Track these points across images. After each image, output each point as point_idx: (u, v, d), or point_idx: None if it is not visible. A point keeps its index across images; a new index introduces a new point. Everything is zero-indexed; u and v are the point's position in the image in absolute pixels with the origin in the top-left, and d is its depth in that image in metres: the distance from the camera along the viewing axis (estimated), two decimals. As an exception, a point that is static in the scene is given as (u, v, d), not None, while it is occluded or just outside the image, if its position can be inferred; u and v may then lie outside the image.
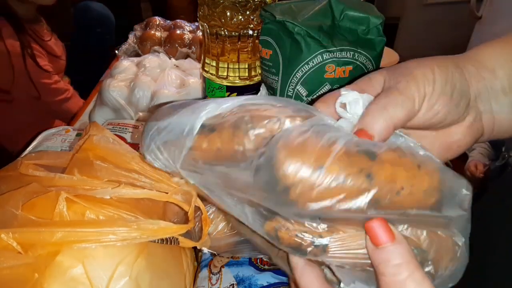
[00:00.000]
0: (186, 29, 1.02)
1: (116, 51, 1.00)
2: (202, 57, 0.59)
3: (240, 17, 0.51)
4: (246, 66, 0.56)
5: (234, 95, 0.57)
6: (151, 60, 0.81)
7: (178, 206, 0.37)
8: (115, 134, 0.47)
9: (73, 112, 1.09)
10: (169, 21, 1.06)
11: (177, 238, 0.34)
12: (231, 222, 0.33)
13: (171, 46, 0.96)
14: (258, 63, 0.56)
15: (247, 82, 0.57)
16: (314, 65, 0.46)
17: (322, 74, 0.46)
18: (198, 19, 0.55)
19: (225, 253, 0.43)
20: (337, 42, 0.45)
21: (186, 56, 0.96)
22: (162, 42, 0.99)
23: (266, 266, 0.42)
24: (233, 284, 0.40)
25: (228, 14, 0.50)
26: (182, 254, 0.40)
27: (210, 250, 0.42)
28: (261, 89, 0.54)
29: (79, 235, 0.30)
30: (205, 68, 0.58)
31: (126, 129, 0.65)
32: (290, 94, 0.48)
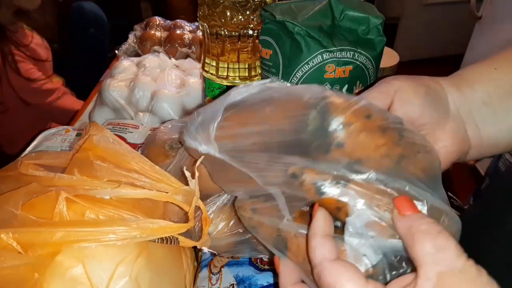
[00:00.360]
0: (186, 29, 1.02)
1: (116, 51, 1.00)
2: (202, 57, 0.59)
3: (240, 17, 0.51)
4: (246, 66, 0.56)
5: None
6: (151, 60, 0.81)
7: (178, 206, 0.37)
8: (115, 134, 0.47)
9: (67, 110, 1.09)
10: (169, 21, 1.06)
11: (177, 238, 0.34)
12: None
13: (171, 46, 0.96)
14: (258, 63, 0.56)
15: (247, 82, 0.57)
16: (314, 65, 0.46)
17: (322, 74, 0.46)
18: (198, 19, 0.55)
19: (225, 253, 0.43)
20: (337, 42, 0.45)
21: (186, 56, 0.96)
22: (162, 42, 0.98)
23: (266, 266, 0.42)
24: (233, 284, 0.40)
25: (228, 14, 0.50)
26: (182, 254, 0.40)
27: (210, 250, 0.42)
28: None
29: (79, 235, 0.30)
30: (205, 68, 0.58)
31: (126, 129, 0.65)
32: (290, 94, 0.48)
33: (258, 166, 0.28)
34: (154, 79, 0.74)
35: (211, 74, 0.57)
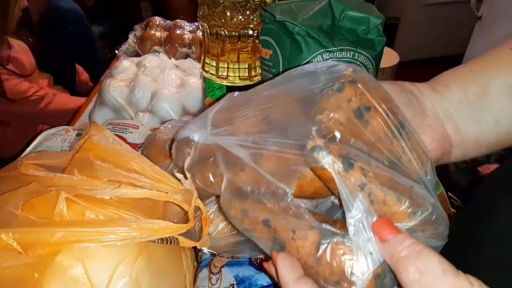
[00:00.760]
0: (186, 29, 1.02)
1: (116, 51, 1.00)
2: (202, 57, 0.59)
3: (240, 17, 0.51)
4: (246, 66, 0.56)
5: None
6: (151, 60, 0.81)
7: (178, 206, 0.37)
8: (115, 134, 0.47)
9: (60, 111, 1.09)
10: (169, 21, 1.06)
11: (177, 238, 0.34)
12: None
13: (171, 46, 0.96)
14: (258, 63, 0.56)
15: (247, 82, 0.57)
16: (314, 65, 0.46)
17: (322, 74, 0.46)
18: (198, 19, 0.55)
19: (225, 253, 0.43)
20: (337, 42, 0.45)
21: (186, 56, 0.96)
22: (162, 42, 0.99)
23: (266, 266, 0.42)
24: (233, 284, 0.40)
25: (228, 14, 0.50)
26: (182, 254, 0.40)
27: (210, 250, 0.42)
28: None
29: (79, 235, 0.30)
30: (205, 68, 0.58)
31: (126, 129, 0.65)
32: (290, 94, 0.48)
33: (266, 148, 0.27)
34: (154, 79, 0.74)
35: (211, 74, 0.57)
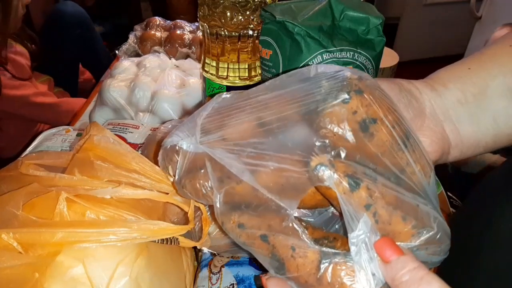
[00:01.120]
0: (186, 29, 1.02)
1: (116, 51, 1.00)
2: (202, 57, 0.59)
3: (240, 17, 0.51)
4: (246, 66, 0.56)
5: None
6: (151, 60, 0.81)
7: (178, 206, 0.37)
8: (116, 134, 0.47)
9: (62, 113, 1.09)
10: (169, 21, 1.06)
11: (177, 238, 0.34)
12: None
13: (171, 46, 0.96)
14: (258, 63, 0.56)
15: (247, 82, 0.57)
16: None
17: (322, 74, 0.46)
18: (198, 19, 0.55)
19: (225, 252, 0.43)
20: (337, 42, 0.45)
21: (186, 56, 0.96)
22: (162, 42, 0.99)
23: (266, 266, 0.42)
24: (233, 283, 0.40)
25: (228, 14, 0.50)
26: (182, 254, 0.40)
27: (210, 250, 0.42)
28: None
29: (80, 235, 0.30)
30: (205, 68, 0.58)
31: (127, 129, 0.65)
32: (290, 94, 0.48)
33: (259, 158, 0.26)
34: (154, 79, 0.74)
35: (211, 74, 0.57)
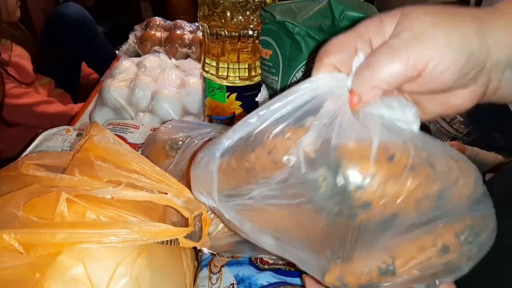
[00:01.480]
0: (186, 29, 1.02)
1: (116, 51, 1.00)
2: (202, 57, 0.59)
3: (240, 17, 0.51)
4: (246, 66, 0.56)
5: (233, 96, 0.57)
6: (151, 60, 0.81)
7: (177, 211, 0.37)
8: (116, 134, 0.47)
9: (57, 116, 1.06)
10: (169, 21, 1.06)
11: (177, 239, 0.34)
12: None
13: (171, 46, 0.96)
14: (258, 63, 0.56)
15: (247, 82, 0.57)
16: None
17: (322, 74, 0.46)
18: (198, 20, 0.55)
19: (225, 252, 0.43)
20: (337, 42, 0.45)
21: (186, 56, 0.96)
22: (162, 42, 0.99)
23: (266, 266, 0.42)
24: (233, 283, 0.40)
25: (228, 14, 0.50)
26: (182, 254, 0.40)
27: (210, 250, 0.42)
28: (261, 89, 0.54)
29: (81, 236, 0.30)
30: (205, 68, 0.59)
31: (127, 129, 0.65)
32: (290, 94, 0.48)
33: None
34: (154, 79, 0.74)
35: (211, 74, 0.57)
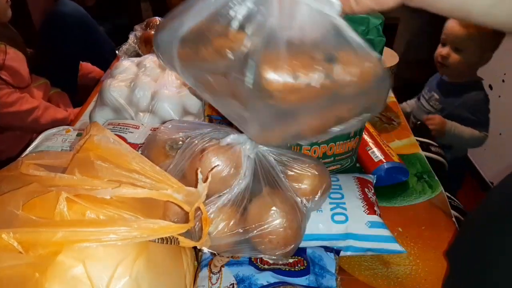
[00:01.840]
0: (186, 29, 1.02)
1: (116, 51, 1.00)
2: (202, 57, 0.59)
3: (240, 17, 0.51)
4: (246, 66, 0.56)
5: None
6: (152, 60, 0.81)
7: (178, 205, 0.37)
8: (116, 134, 0.47)
9: (50, 123, 1.06)
10: (169, 21, 1.06)
11: (177, 238, 0.34)
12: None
13: (171, 46, 0.96)
14: (258, 63, 0.56)
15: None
16: (314, 65, 0.46)
17: (322, 74, 0.46)
18: (198, 20, 0.55)
19: (225, 252, 0.43)
20: (337, 42, 0.45)
21: (186, 56, 0.96)
22: (162, 42, 0.98)
23: (266, 266, 0.42)
24: (233, 283, 0.40)
25: (228, 14, 0.50)
26: (182, 254, 0.40)
27: (210, 250, 0.42)
28: None
29: (80, 235, 0.30)
30: (205, 68, 0.58)
31: (127, 129, 0.65)
32: (290, 94, 0.48)
33: None
34: (154, 79, 0.74)
35: (211, 74, 0.57)
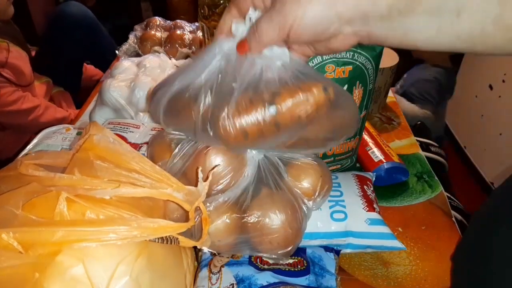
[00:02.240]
0: (186, 29, 1.02)
1: (116, 51, 1.00)
2: (202, 57, 0.59)
3: (240, 17, 0.51)
4: (246, 66, 0.56)
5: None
6: (152, 60, 0.81)
7: (178, 204, 0.37)
8: (116, 134, 0.47)
9: (51, 123, 1.06)
10: (169, 21, 1.06)
11: (177, 238, 0.34)
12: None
13: (171, 46, 0.96)
14: (258, 63, 0.56)
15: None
16: (314, 65, 0.46)
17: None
18: (198, 20, 0.55)
19: (225, 252, 0.43)
20: (337, 42, 0.45)
21: (186, 56, 0.96)
22: (162, 42, 0.99)
23: (266, 266, 0.42)
24: (233, 283, 0.40)
25: (228, 14, 0.51)
26: (182, 254, 0.40)
27: (210, 250, 0.42)
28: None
29: (80, 234, 0.30)
30: (205, 68, 0.58)
31: (127, 128, 0.65)
32: (290, 94, 0.48)
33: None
34: (154, 79, 0.74)
35: (211, 74, 0.57)
